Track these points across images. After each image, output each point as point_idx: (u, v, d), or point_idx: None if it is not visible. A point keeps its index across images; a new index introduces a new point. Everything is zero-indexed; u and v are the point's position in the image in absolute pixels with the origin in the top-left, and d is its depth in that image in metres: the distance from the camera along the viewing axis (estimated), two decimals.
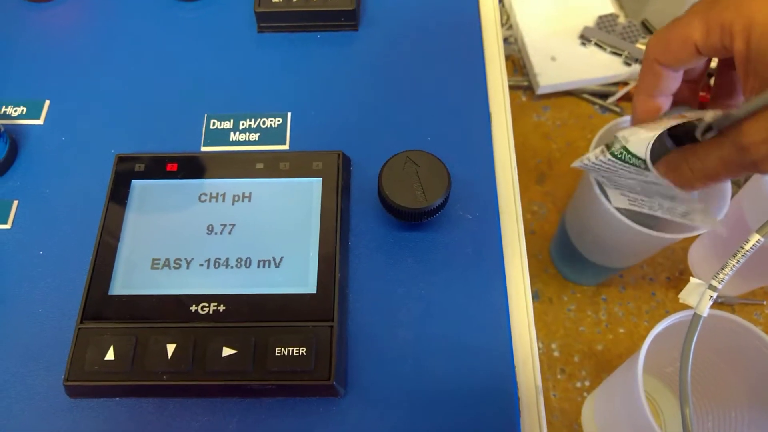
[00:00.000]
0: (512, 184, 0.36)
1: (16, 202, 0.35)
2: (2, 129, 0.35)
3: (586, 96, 0.71)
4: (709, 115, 0.28)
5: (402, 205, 0.31)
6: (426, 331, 0.31)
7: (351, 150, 0.36)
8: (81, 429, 0.29)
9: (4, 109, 0.38)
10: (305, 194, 0.33)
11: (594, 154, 0.35)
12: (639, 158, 0.31)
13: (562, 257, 0.61)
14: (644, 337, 0.62)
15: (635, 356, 0.43)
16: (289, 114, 0.37)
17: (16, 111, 0.38)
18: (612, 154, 0.32)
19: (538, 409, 0.30)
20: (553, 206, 0.67)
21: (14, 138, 0.37)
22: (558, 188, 0.77)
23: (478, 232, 0.34)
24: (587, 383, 0.58)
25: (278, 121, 0.37)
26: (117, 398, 0.29)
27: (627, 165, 0.32)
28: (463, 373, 0.30)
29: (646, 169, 0.31)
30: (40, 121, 0.37)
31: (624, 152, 0.32)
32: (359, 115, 0.38)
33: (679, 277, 0.67)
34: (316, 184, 0.33)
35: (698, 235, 0.58)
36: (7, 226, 0.34)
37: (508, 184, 0.36)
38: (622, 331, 0.63)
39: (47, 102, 0.38)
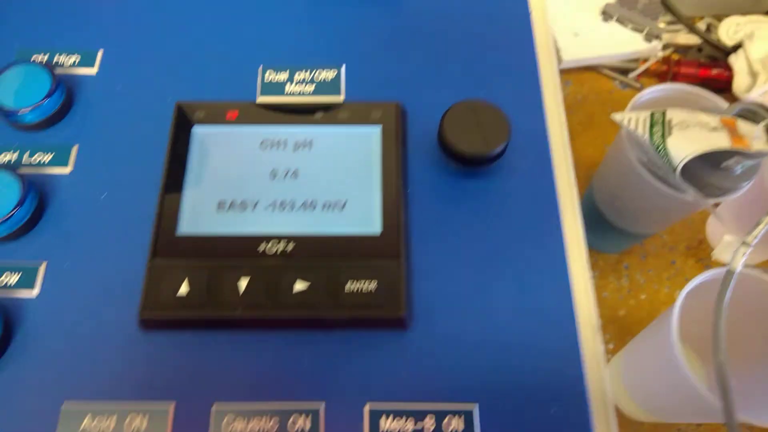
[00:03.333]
0: (562, 134, 0.37)
1: (75, 147, 0.35)
2: (57, 75, 0.35)
3: (606, 71, 0.72)
4: None
5: (466, 151, 0.31)
6: (486, 275, 0.32)
7: (404, 103, 0.36)
8: (155, 361, 0.29)
9: (57, 57, 0.38)
10: (365, 141, 0.34)
11: (635, 120, 0.35)
12: (672, 163, 0.31)
13: (587, 224, 0.62)
14: (665, 303, 0.63)
15: (667, 312, 0.44)
16: (344, 66, 0.38)
17: (69, 59, 0.38)
18: (651, 135, 0.33)
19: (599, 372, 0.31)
20: (575, 180, 0.68)
21: (69, 87, 0.37)
22: (579, 163, 0.77)
23: (534, 181, 0.35)
24: (611, 346, 0.59)
25: (333, 73, 0.37)
26: (190, 332, 0.30)
27: (657, 154, 0.32)
28: (523, 320, 0.31)
29: (673, 172, 0.31)
30: (93, 70, 0.38)
31: (661, 145, 0.32)
32: (412, 68, 0.38)
33: (698, 246, 0.68)
34: (375, 131, 0.34)
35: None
36: (68, 170, 0.34)
37: (558, 135, 0.37)
38: (643, 297, 0.64)
39: (101, 51, 0.38)
